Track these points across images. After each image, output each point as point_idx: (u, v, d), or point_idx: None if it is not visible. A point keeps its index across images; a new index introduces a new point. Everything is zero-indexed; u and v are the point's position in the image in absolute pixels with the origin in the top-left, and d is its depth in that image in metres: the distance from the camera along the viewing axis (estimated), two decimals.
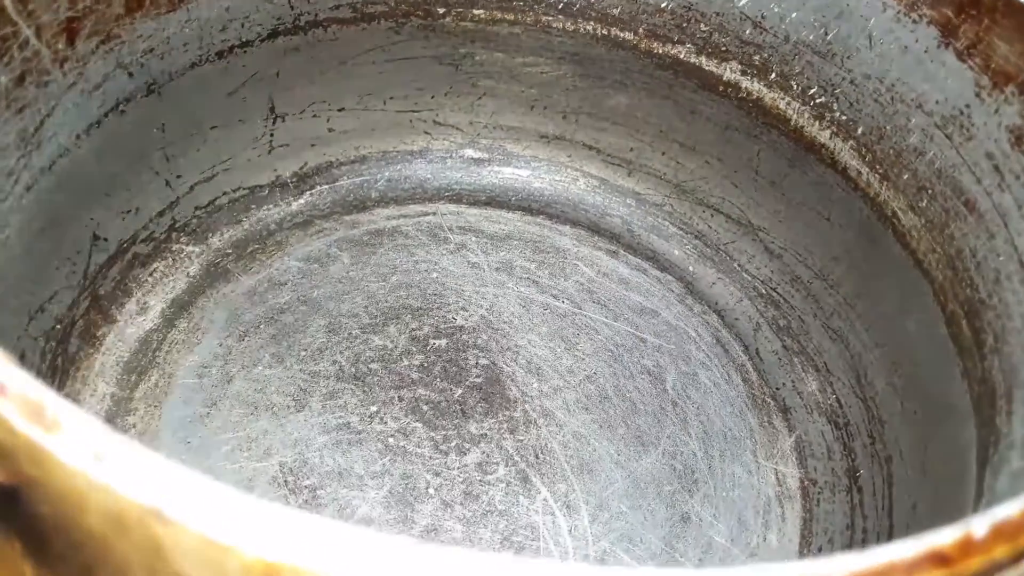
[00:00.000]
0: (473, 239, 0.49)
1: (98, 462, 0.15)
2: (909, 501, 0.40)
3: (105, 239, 0.43)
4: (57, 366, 0.40)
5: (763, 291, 0.49)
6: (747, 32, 0.44)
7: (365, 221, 0.50)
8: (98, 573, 0.19)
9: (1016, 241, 0.35)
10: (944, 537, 0.16)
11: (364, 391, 0.41)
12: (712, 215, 0.51)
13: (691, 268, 0.50)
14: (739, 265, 0.50)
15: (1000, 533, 0.16)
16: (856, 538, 0.42)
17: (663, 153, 0.51)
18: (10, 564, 0.24)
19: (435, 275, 0.47)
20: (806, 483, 0.42)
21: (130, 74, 0.40)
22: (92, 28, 0.36)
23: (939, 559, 0.16)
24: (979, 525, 0.16)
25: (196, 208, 0.47)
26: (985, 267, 0.36)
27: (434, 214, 0.51)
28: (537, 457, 0.40)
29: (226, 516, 0.15)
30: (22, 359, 0.37)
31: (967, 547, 0.16)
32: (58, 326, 0.40)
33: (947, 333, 0.38)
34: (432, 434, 0.40)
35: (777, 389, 0.46)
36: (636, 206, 0.52)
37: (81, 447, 0.16)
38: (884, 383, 0.43)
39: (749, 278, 0.50)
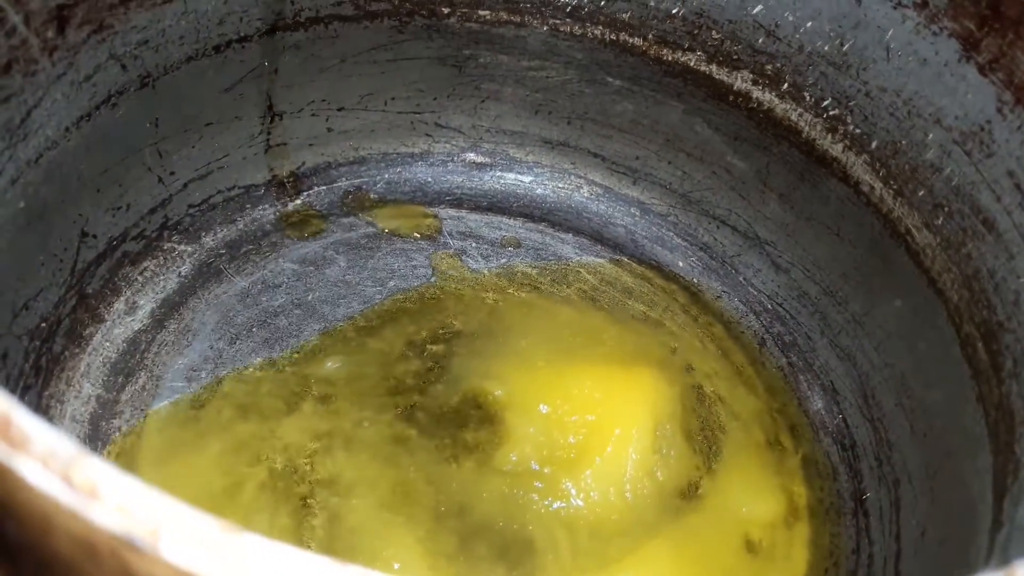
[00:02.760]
0: (473, 244, 0.48)
1: (68, 486, 0.14)
2: (917, 526, 0.39)
3: (94, 236, 0.41)
4: (41, 366, 0.39)
5: (769, 306, 0.48)
6: (760, 41, 0.43)
7: (363, 224, 0.48)
8: None
9: None
10: None
11: (358, 396, 0.40)
12: (718, 227, 0.49)
13: (696, 280, 0.49)
14: (745, 279, 0.49)
15: None
16: (862, 562, 0.41)
17: (669, 162, 0.50)
18: None
19: (434, 280, 0.46)
20: (813, 503, 0.41)
21: (123, 66, 0.38)
22: (84, 17, 0.35)
23: None
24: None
25: (189, 206, 0.45)
26: (1004, 288, 0.35)
27: (434, 218, 0.49)
28: (539, 464, 0.39)
29: (203, 548, 0.14)
30: (4, 358, 0.36)
31: None
32: (43, 324, 0.39)
33: (961, 355, 0.37)
34: (426, 442, 0.39)
35: (784, 405, 0.44)
36: (640, 215, 0.51)
37: (50, 468, 0.14)
38: (893, 404, 0.42)
39: (755, 292, 0.49)
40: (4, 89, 0.32)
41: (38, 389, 0.39)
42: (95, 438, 0.38)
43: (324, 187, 0.50)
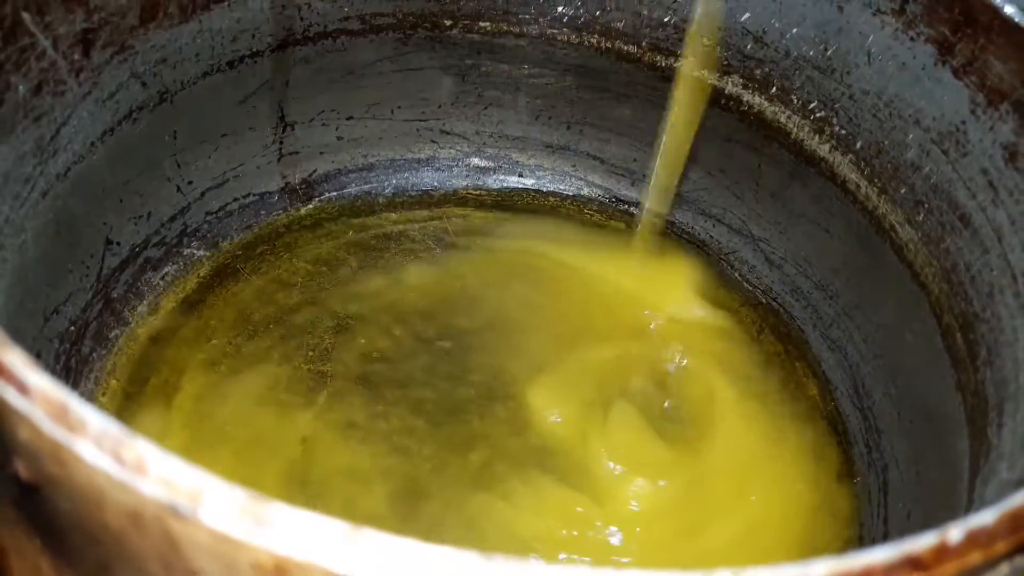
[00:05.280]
0: (479, 242, 0.50)
1: (118, 462, 0.16)
2: (903, 509, 0.40)
3: (118, 243, 0.43)
4: (71, 367, 0.41)
5: (763, 300, 0.50)
6: (748, 47, 0.45)
7: (373, 225, 0.51)
8: (114, 567, 0.20)
9: (1009, 256, 0.35)
10: (920, 543, 0.17)
11: (370, 391, 0.42)
12: (714, 225, 0.51)
13: (693, 277, 0.51)
14: (740, 275, 0.51)
15: (974, 540, 0.17)
16: (852, 544, 0.42)
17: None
18: (29, 559, 0.25)
19: (441, 278, 0.48)
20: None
21: (143, 83, 0.40)
22: (107, 39, 0.37)
23: (915, 564, 0.16)
24: (955, 532, 0.17)
25: (207, 213, 0.47)
26: (979, 281, 0.37)
27: (440, 219, 0.51)
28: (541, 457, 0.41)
29: (237, 514, 0.16)
30: (37, 360, 0.38)
31: (942, 553, 0.17)
32: (72, 328, 0.41)
33: (943, 345, 0.39)
34: (436, 432, 0.41)
35: (779, 393, 0.46)
36: (639, 215, 0.53)
37: (103, 447, 0.16)
38: (881, 393, 0.44)
39: (750, 288, 0.50)
40: (36, 109, 0.34)
41: (69, 388, 0.41)
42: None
43: (335, 192, 0.52)
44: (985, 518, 0.18)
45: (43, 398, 0.17)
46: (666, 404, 0.44)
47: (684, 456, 0.42)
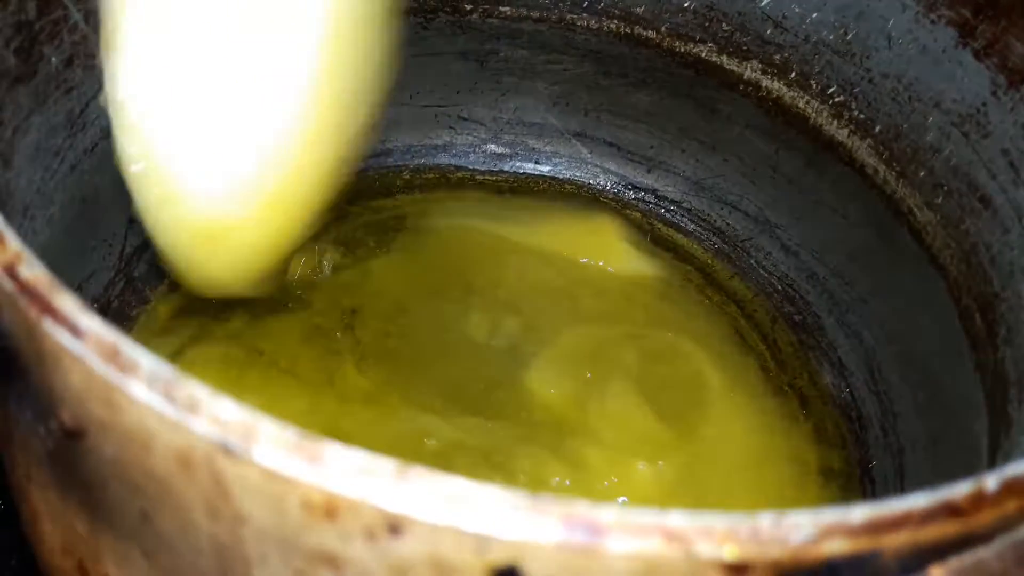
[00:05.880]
0: (497, 225, 0.50)
1: (170, 402, 0.17)
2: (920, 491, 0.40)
3: (139, 222, 0.44)
4: None
5: (780, 287, 0.50)
6: (768, 32, 0.45)
7: (390, 206, 0.51)
8: (156, 517, 0.20)
9: None
10: (958, 490, 0.17)
11: (383, 364, 0.42)
12: (730, 212, 0.52)
13: (709, 262, 0.51)
14: (756, 262, 0.51)
15: (1011, 488, 0.17)
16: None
17: (683, 151, 0.52)
18: (62, 520, 0.25)
19: (459, 257, 0.48)
20: (823, 470, 0.43)
21: None
22: None
23: (952, 510, 0.17)
24: (992, 480, 0.17)
25: None
26: (1000, 261, 0.37)
27: (458, 200, 0.52)
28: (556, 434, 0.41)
29: (290, 451, 0.16)
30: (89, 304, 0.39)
31: (979, 500, 0.17)
32: (95, 305, 0.41)
33: (960, 327, 0.39)
34: (450, 409, 0.41)
35: (794, 379, 0.47)
36: (656, 203, 0.53)
37: (154, 388, 0.17)
38: (897, 377, 0.44)
39: (766, 275, 0.51)
40: (67, 81, 0.35)
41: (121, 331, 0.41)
42: None
43: (353, 176, 0.52)
44: (1021, 468, 0.18)
45: (96, 340, 0.17)
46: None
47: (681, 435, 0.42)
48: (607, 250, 0.49)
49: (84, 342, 0.17)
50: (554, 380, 0.43)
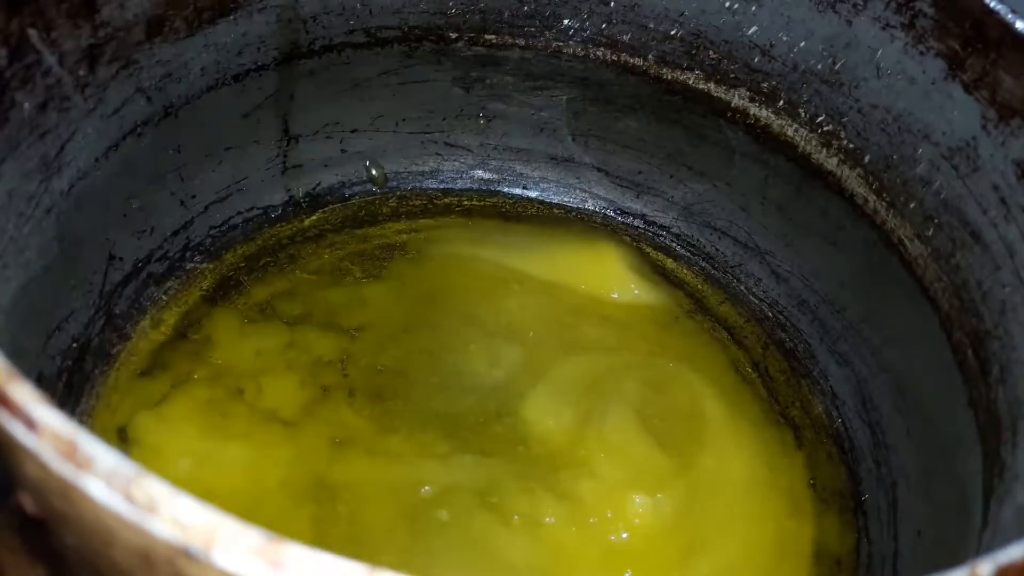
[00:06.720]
0: (483, 252, 0.49)
1: (128, 501, 0.16)
2: (914, 527, 0.40)
3: (121, 259, 0.43)
4: (72, 384, 0.41)
5: (770, 314, 0.50)
6: (755, 60, 0.45)
7: (376, 235, 0.50)
8: None
9: (1022, 273, 0.35)
10: None
11: (376, 402, 0.42)
12: (720, 238, 0.51)
13: (700, 288, 0.51)
14: (747, 288, 0.51)
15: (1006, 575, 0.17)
16: (862, 561, 0.42)
17: (671, 176, 0.51)
18: None
19: (446, 285, 0.47)
20: (815, 503, 0.43)
21: (148, 98, 0.40)
22: (113, 54, 0.37)
23: None
24: (984, 567, 0.17)
25: (210, 227, 0.47)
26: (991, 298, 0.36)
27: (444, 228, 0.51)
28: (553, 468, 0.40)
29: (252, 556, 0.15)
30: (40, 379, 0.38)
31: None
32: (74, 345, 0.41)
33: (953, 361, 0.39)
34: (442, 445, 0.41)
35: (786, 408, 0.46)
36: (644, 228, 0.53)
37: (113, 486, 0.16)
38: (890, 408, 0.44)
39: (756, 301, 0.50)
40: (41, 126, 0.34)
41: (71, 406, 0.41)
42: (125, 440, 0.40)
43: (339, 204, 0.52)
44: (1014, 554, 0.17)
45: (51, 434, 0.17)
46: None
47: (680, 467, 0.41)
48: (609, 278, 0.49)
49: (39, 436, 0.17)
50: (553, 411, 0.42)
